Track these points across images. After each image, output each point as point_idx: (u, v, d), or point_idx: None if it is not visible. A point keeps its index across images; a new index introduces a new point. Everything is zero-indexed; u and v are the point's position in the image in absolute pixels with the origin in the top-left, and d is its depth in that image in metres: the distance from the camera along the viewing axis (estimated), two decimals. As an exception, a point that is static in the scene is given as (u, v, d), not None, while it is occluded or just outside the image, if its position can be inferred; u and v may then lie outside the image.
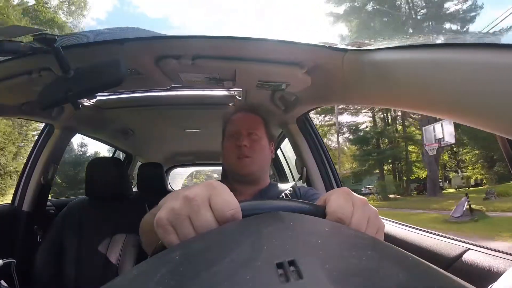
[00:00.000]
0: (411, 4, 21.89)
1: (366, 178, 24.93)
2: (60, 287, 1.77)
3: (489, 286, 0.67)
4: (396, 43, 0.93)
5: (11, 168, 18.28)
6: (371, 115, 25.26)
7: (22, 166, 2.28)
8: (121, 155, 3.84)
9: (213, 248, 0.37)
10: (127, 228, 1.92)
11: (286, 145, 2.81)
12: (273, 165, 3.21)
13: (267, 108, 1.87)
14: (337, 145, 25.48)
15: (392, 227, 1.37)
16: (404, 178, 24.03)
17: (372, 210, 0.54)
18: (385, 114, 24.78)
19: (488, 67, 0.65)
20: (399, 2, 22.34)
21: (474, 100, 0.70)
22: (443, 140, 14.65)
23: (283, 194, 1.28)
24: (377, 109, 23.67)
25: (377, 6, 22.02)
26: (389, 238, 1.29)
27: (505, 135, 0.72)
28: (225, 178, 1.45)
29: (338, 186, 1.95)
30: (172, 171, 5.13)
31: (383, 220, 0.55)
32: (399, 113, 23.13)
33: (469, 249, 0.99)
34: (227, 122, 1.36)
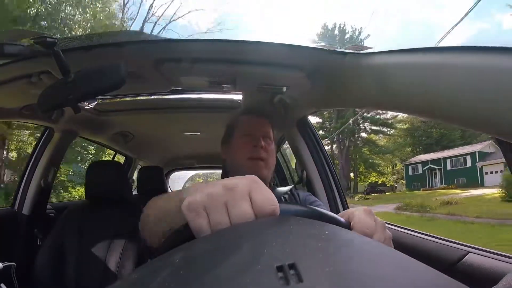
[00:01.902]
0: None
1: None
2: None
3: None
4: (396, 46, 0.93)
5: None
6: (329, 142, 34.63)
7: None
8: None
9: (213, 251, 0.36)
10: (127, 231, 1.92)
11: (286, 148, 2.81)
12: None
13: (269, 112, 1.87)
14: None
15: (393, 231, 1.37)
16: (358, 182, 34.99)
17: (388, 233, 0.58)
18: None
19: (487, 71, 0.65)
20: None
21: (474, 103, 0.70)
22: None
23: (282, 198, 1.28)
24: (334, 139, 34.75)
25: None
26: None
27: (504, 138, 0.72)
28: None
29: (338, 190, 1.95)
30: (173, 174, 5.14)
31: (389, 226, 0.58)
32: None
33: (470, 252, 0.99)
34: (237, 121, 1.37)
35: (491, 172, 22.88)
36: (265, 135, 1.30)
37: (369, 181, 35.34)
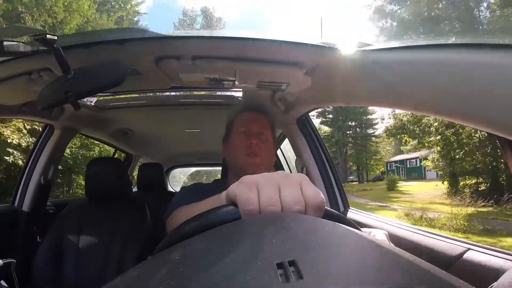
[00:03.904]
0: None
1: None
2: (59, 287, 1.77)
3: (490, 286, 0.67)
4: (396, 43, 0.92)
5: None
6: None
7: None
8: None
9: (213, 248, 0.36)
10: (127, 229, 1.92)
11: (286, 145, 2.81)
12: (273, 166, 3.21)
13: (267, 108, 1.87)
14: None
15: (393, 228, 1.37)
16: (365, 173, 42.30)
17: None
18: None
19: (489, 68, 0.65)
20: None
21: (475, 100, 0.70)
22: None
23: None
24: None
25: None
26: (389, 238, 1.29)
27: (505, 135, 0.72)
28: (226, 176, 1.46)
29: (338, 187, 1.95)
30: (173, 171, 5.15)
31: (387, 223, 0.57)
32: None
33: (469, 249, 0.99)
34: (235, 119, 1.38)
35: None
36: (261, 132, 1.31)
37: (380, 171, 43.04)
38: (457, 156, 14.40)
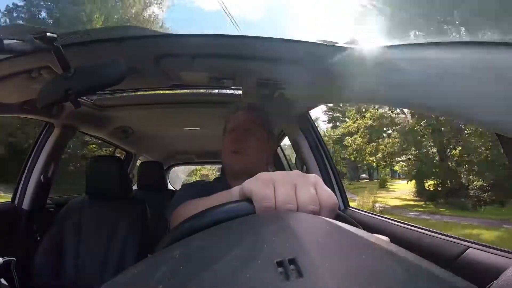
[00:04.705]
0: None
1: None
2: (59, 285, 1.77)
3: (490, 284, 0.67)
4: (396, 41, 0.92)
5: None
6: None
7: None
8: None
9: (213, 246, 0.36)
10: (127, 227, 1.92)
11: (286, 143, 2.81)
12: (273, 164, 3.21)
13: (267, 107, 1.87)
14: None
15: (393, 226, 1.37)
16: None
17: None
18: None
19: (489, 66, 0.65)
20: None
21: (475, 99, 0.70)
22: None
23: None
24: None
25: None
26: (389, 236, 1.29)
27: (506, 134, 0.72)
28: (223, 175, 1.46)
29: (338, 186, 1.95)
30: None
31: (389, 221, 0.57)
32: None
33: (470, 247, 0.99)
34: (228, 120, 1.37)
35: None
36: (249, 129, 1.30)
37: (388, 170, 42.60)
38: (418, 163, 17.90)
